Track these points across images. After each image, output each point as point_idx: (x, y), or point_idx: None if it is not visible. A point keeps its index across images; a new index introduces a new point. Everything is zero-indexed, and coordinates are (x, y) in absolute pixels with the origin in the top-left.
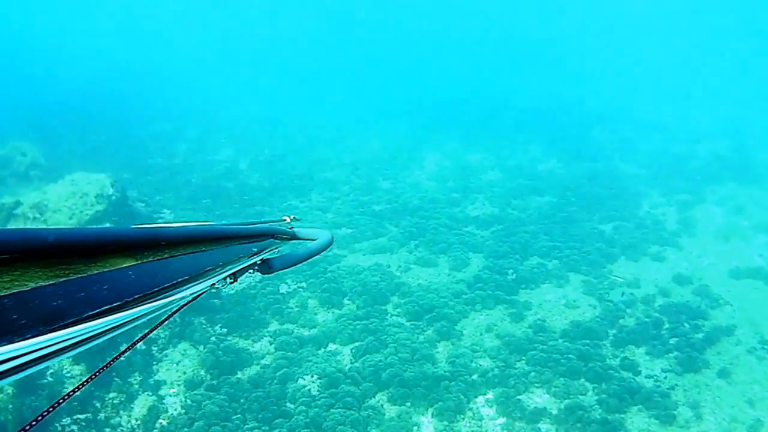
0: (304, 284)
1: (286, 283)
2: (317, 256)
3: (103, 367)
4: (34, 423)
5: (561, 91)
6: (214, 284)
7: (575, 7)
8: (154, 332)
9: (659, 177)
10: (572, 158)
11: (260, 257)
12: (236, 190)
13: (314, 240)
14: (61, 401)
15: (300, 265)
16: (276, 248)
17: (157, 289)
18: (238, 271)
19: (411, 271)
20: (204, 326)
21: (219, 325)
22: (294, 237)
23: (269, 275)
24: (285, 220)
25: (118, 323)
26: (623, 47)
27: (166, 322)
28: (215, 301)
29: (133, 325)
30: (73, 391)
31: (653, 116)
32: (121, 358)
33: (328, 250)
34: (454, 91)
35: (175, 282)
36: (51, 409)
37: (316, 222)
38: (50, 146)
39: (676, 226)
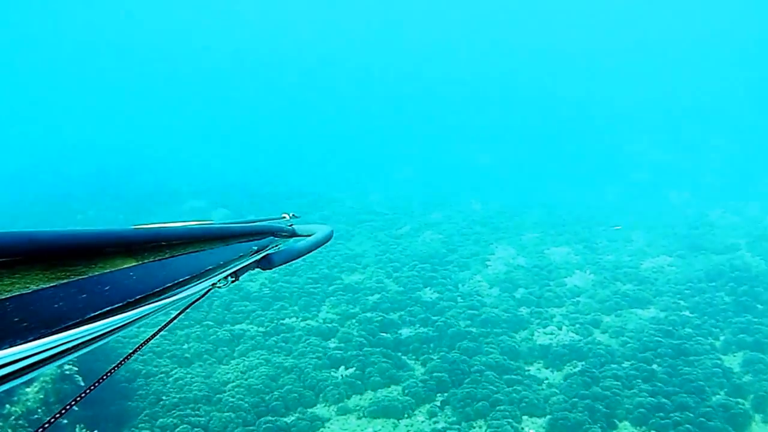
0: None
1: None
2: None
3: (111, 370)
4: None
5: (672, 159)
6: (215, 284)
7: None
8: None
9: None
10: (688, 250)
11: (260, 255)
12: None
13: (313, 234)
14: (68, 406)
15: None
16: (276, 246)
17: (158, 289)
18: (239, 269)
19: None
20: None
21: None
22: (294, 234)
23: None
24: (284, 217)
25: (121, 324)
26: (744, 105)
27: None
28: None
29: (135, 325)
30: (81, 395)
31: None
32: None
33: (330, 243)
34: (544, 164)
35: (176, 282)
36: (59, 414)
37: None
38: None
39: None
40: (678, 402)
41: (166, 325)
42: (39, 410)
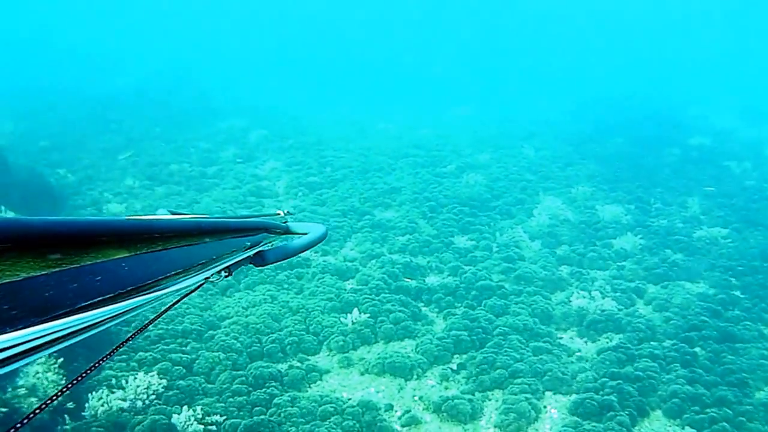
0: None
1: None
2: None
3: (93, 365)
4: (25, 421)
5: (735, 127)
6: (208, 278)
7: None
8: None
9: None
10: (745, 224)
11: (254, 251)
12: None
13: (307, 233)
14: (48, 401)
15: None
16: (270, 242)
17: (150, 281)
18: (232, 264)
19: (421, 427)
20: None
21: None
22: (287, 231)
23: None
24: (278, 214)
25: (111, 315)
26: None
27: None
28: None
29: (126, 317)
30: (61, 391)
31: None
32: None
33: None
34: (604, 116)
35: (168, 274)
36: (38, 410)
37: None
38: None
39: None
40: (717, 395)
41: (153, 320)
42: None
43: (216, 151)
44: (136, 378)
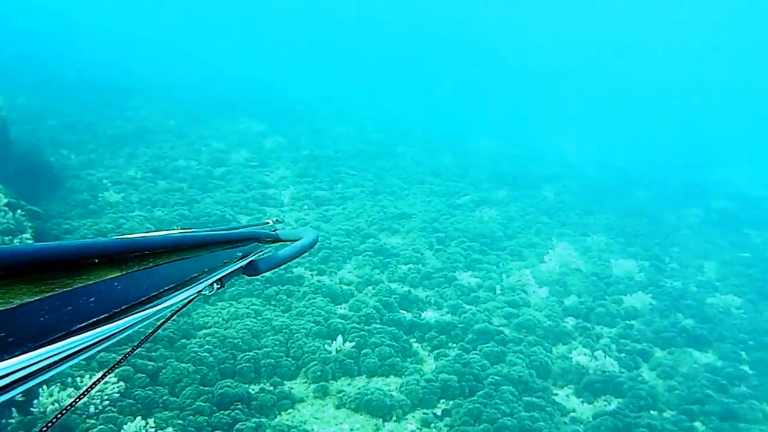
0: None
1: None
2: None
3: (103, 375)
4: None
5: (761, 195)
6: (201, 291)
7: None
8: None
9: None
10: (760, 297)
11: (245, 261)
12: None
13: (298, 240)
14: (60, 415)
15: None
16: (260, 252)
17: (144, 298)
18: (224, 276)
19: None
20: None
21: None
22: (278, 239)
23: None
24: (267, 223)
25: (107, 335)
26: None
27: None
28: None
29: (122, 335)
30: (72, 403)
31: None
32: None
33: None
34: (627, 168)
35: (161, 291)
36: (51, 423)
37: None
38: None
39: None
40: None
41: (150, 335)
42: None
43: (228, 151)
44: (92, 379)
